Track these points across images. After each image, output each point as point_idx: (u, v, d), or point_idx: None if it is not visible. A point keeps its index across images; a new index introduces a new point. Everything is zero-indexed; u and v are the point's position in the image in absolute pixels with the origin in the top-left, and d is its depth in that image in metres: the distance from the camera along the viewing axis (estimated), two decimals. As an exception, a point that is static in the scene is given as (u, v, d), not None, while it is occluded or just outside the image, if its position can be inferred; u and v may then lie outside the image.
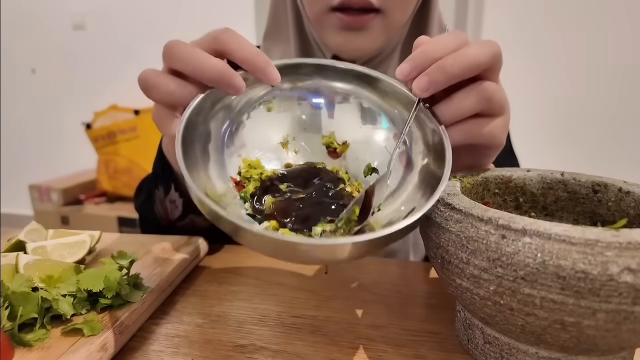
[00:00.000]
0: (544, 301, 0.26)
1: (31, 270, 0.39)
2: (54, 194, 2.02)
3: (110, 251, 0.47)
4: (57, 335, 0.34)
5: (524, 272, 0.26)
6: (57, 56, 2.40)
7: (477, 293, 0.29)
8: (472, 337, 0.34)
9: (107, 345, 0.33)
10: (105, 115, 2.01)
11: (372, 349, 0.36)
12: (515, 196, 0.40)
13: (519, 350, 0.31)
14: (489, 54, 0.34)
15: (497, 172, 0.40)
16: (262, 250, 0.30)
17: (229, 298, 0.44)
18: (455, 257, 0.30)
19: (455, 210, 0.31)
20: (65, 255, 0.45)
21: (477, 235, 0.28)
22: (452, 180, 0.36)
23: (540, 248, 0.26)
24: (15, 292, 0.34)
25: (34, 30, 2.39)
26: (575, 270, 0.25)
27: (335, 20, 0.50)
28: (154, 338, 0.37)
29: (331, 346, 0.36)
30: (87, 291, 0.36)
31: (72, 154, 2.37)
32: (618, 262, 0.24)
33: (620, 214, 0.36)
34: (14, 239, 0.45)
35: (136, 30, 2.24)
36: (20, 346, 0.32)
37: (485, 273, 0.28)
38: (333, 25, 0.50)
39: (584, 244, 0.25)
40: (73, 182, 2.10)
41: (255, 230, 0.26)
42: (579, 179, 0.39)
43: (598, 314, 0.26)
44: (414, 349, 0.36)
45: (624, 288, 0.25)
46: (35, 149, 2.55)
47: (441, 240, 0.31)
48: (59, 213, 2.02)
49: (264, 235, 0.27)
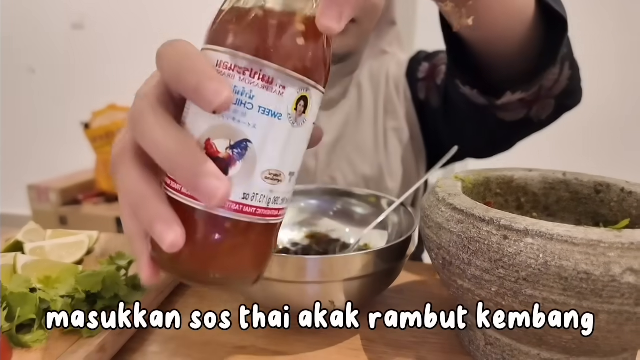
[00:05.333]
0: (546, 302, 0.26)
1: (29, 270, 0.38)
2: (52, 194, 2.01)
3: (109, 252, 0.46)
4: (56, 336, 0.33)
5: (526, 273, 0.26)
6: (56, 55, 2.39)
7: (479, 294, 0.29)
8: (474, 339, 0.34)
9: (105, 346, 0.33)
10: (104, 115, 2.00)
11: (373, 351, 0.36)
12: (517, 196, 0.40)
13: (520, 351, 0.31)
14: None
15: (499, 172, 0.40)
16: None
17: (228, 299, 0.44)
18: (456, 258, 0.30)
19: (456, 210, 0.30)
20: (63, 256, 0.44)
21: (478, 235, 0.28)
22: (454, 181, 0.36)
23: (543, 249, 0.26)
24: (14, 292, 0.34)
25: (33, 29, 2.38)
26: (578, 271, 0.25)
27: None
28: (153, 339, 0.37)
29: (331, 347, 0.36)
30: (85, 292, 0.36)
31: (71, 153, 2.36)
32: (620, 263, 0.24)
33: (622, 215, 0.36)
34: (12, 239, 0.45)
35: (135, 30, 2.24)
36: (19, 347, 0.32)
37: (487, 274, 0.28)
38: None
39: (586, 245, 0.25)
40: (71, 182, 2.09)
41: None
42: (581, 179, 0.38)
43: (600, 315, 0.25)
44: (415, 351, 0.35)
45: (626, 289, 0.24)
46: (34, 149, 2.55)
47: (442, 241, 0.31)
48: (57, 213, 2.01)
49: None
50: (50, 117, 2.48)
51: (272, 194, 0.23)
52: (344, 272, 0.34)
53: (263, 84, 0.21)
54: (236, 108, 0.21)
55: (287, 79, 0.21)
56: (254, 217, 0.23)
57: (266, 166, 0.22)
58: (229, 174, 0.22)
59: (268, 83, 0.21)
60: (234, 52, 0.21)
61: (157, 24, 2.19)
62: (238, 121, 0.21)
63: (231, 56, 0.21)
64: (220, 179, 0.21)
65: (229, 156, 0.22)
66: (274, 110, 0.22)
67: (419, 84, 0.63)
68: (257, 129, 0.21)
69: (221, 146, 0.22)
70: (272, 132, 0.22)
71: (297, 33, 0.22)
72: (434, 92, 0.61)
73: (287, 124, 0.22)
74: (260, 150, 0.22)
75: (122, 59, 2.29)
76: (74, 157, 2.31)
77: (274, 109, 0.22)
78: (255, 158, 0.22)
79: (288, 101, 0.22)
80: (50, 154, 2.49)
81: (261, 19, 0.22)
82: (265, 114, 0.21)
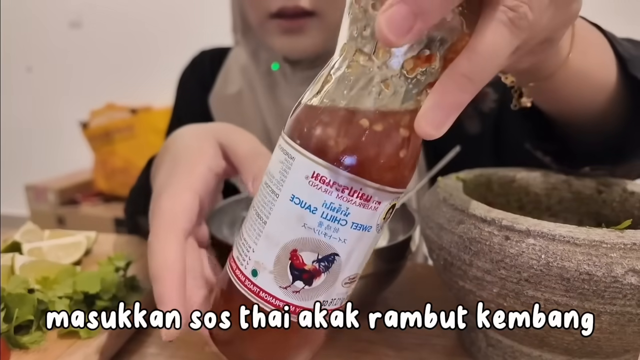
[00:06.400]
0: (548, 303, 0.26)
1: (27, 271, 0.38)
2: (50, 194, 2.01)
3: (107, 252, 0.46)
4: (54, 337, 0.33)
5: (528, 273, 0.26)
6: (54, 54, 2.39)
7: (480, 295, 0.29)
8: (475, 340, 0.34)
9: (103, 347, 0.33)
10: (102, 114, 2.00)
11: (374, 352, 0.35)
12: (518, 196, 0.40)
13: (522, 353, 0.31)
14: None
15: (500, 172, 0.40)
16: None
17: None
18: (457, 259, 0.29)
19: (457, 211, 0.30)
20: (61, 257, 0.44)
21: (480, 236, 0.28)
22: (455, 181, 0.36)
23: (544, 249, 0.26)
24: (11, 293, 0.33)
25: (30, 27, 2.37)
26: (580, 272, 0.25)
27: (275, 26, 0.53)
28: (151, 341, 0.37)
29: (331, 349, 0.36)
30: (83, 293, 0.36)
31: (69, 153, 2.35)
32: (623, 264, 0.24)
33: (625, 215, 0.36)
34: (10, 240, 0.45)
35: (133, 28, 2.23)
36: (17, 348, 0.32)
37: (488, 275, 0.28)
38: (274, 30, 0.54)
39: (588, 245, 0.25)
40: (69, 183, 2.09)
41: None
42: (583, 179, 0.38)
43: (602, 316, 0.25)
44: (416, 352, 0.35)
45: (628, 290, 0.24)
46: (31, 149, 2.54)
47: (443, 241, 0.31)
48: (55, 213, 2.00)
49: None
50: (48, 117, 2.47)
51: (346, 295, 0.23)
52: None
53: (361, 202, 0.20)
54: (329, 224, 0.20)
55: (384, 195, 0.21)
56: (325, 319, 0.23)
57: (348, 274, 0.22)
58: (313, 285, 0.22)
59: (366, 201, 0.20)
60: (335, 168, 0.20)
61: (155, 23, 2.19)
62: (329, 237, 0.21)
63: (331, 172, 0.20)
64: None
65: (315, 269, 0.21)
66: (366, 225, 0.21)
67: None
68: (346, 244, 0.21)
69: (308, 259, 0.21)
70: (361, 244, 0.22)
71: (400, 144, 0.20)
72: (475, 119, 0.55)
73: (374, 233, 0.22)
74: (346, 262, 0.22)
75: (120, 58, 2.28)
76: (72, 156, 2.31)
77: (366, 224, 0.21)
78: (339, 270, 0.22)
79: (380, 213, 0.21)
80: (48, 154, 2.48)
81: (366, 131, 0.20)
82: (357, 229, 0.21)
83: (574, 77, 0.31)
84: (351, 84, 0.20)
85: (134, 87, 2.17)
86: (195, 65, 0.70)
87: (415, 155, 0.21)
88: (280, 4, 0.51)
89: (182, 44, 1.53)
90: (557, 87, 0.32)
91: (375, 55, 0.19)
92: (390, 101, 0.19)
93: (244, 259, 0.23)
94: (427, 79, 0.19)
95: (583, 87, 0.33)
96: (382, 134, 0.20)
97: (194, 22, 2.05)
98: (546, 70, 0.30)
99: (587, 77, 0.32)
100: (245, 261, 0.23)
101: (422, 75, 0.19)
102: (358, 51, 0.20)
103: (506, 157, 0.50)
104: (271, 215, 0.22)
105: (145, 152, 0.58)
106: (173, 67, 0.91)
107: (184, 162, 0.31)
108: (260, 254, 0.22)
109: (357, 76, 0.20)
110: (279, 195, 0.21)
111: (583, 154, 0.38)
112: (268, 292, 0.22)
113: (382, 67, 0.19)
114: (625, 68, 0.33)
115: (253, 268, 0.22)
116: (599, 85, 0.33)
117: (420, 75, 0.19)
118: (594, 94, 0.34)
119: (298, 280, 0.22)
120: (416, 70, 0.19)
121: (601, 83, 0.33)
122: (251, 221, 0.23)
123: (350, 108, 0.20)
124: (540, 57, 0.27)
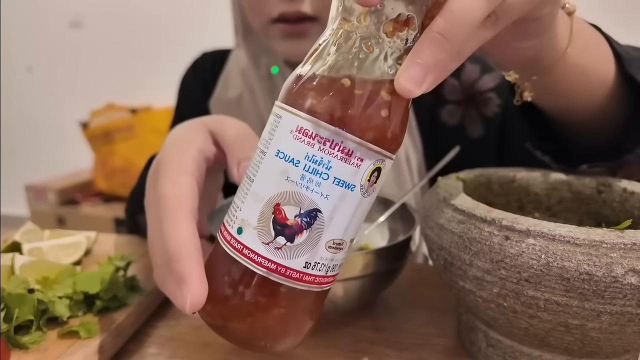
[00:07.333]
0: (548, 303, 0.26)
1: (27, 271, 0.38)
2: (50, 194, 2.01)
3: (107, 252, 0.46)
4: (54, 337, 0.33)
5: (528, 273, 0.26)
6: (54, 54, 2.39)
7: (480, 295, 0.29)
8: (475, 340, 0.34)
9: (103, 347, 0.33)
10: (102, 114, 2.00)
11: (374, 353, 0.35)
12: (518, 196, 0.40)
13: (522, 353, 0.31)
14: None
15: (500, 172, 0.40)
16: None
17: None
18: (457, 259, 0.29)
19: (458, 211, 0.30)
20: (61, 257, 0.44)
21: (480, 236, 0.28)
22: (455, 181, 0.36)
23: (545, 249, 0.26)
24: (11, 293, 0.33)
25: (30, 27, 2.37)
26: (580, 272, 0.25)
27: (277, 30, 0.54)
28: (151, 341, 0.37)
29: (332, 349, 0.36)
30: (83, 293, 0.36)
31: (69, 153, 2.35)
32: (623, 264, 0.24)
33: (625, 215, 0.36)
34: (10, 240, 0.45)
35: (133, 28, 2.23)
36: (17, 348, 0.32)
37: (488, 275, 0.28)
38: (276, 34, 0.54)
39: (588, 245, 0.25)
40: (69, 182, 2.09)
41: None
42: (583, 179, 0.38)
43: (602, 316, 0.25)
44: (416, 352, 0.35)
45: (628, 290, 0.24)
46: (31, 149, 2.54)
47: (443, 241, 0.31)
48: (55, 213, 2.00)
49: None
50: (48, 117, 2.47)
51: (332, 262, 0.23)
52: (344, 272, 0.34)
53: (342, 155, 0.21)
54: (311, 177, 0.21)
55: (366, 152, 0.21)
56: (311, 286, 0.23)
57: (331, 236, 0.22)
58: (295, 241, 0.21)
59: (347, 155, 0.21)
60: (317, 120, 0.21)
61: (155, 23, 2.19)
62: (311, 190, 0.21)
63: (313, 124, 0.21)
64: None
65: (297, 224, 0.21)
66: (349, 182, 0.21)
67: (447, 107, 0.56)
68: (328, 200, 0.21)
69: (290, 213, 0.21)
70: (343, 203, 0.21)
71: (382, 104, 0.21)
72: (478, 123, 0.54)
73: (359, 195, 0.22)
74: (329, 220, 0.22)
75: (120, 58, 2.28)
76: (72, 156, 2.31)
77: (348, 181, 0.21)
78: (322, 228, 0.22)
79: (363, 173, 0.21)
80: (48, 154, 2.48)
81: (348, 89, 0.21)
82: (339, 185, 0.21)
83: (573, 71, 0.32)
84: (335, 48, 0.22)
85: (134, 87, 2.17)
86: (197, 68, 0.70)
87: (399, 117, 0.22)
88: (281, 9, 0.51)
89: (182, 44, 1.54)
90: (557, 80, 0.33)
91: (357, 20, 0.21)
92: (372, 63, 0.21)
93: (232, 219, 0.23)
94: (407, 45, 0.21)
95: (582, 82, 0.34)
96: (364, 92, 0.21)
97: (194, 22, 2.05)
98: (545, 61, 0.31)
99: (586, 72, 0.33)
100: (233, 221, 0.23)
101: (402, 41, 0.21)
102: (342, 19, 0.22)
103: (509, 162, 0.50)
104: (258, 172, 0.22)
105: (145, 152, 0.58)
106: (173, 67, 0.91)
107: (176, 149, 0.31)
108: (246, 211, 0.22)
109: (341, 41, 0.21)
110: (266, 153, 0.22)
111: (581, 154, 0.38)
112: (251, 249, 0.22)
113: (364, 30, 0.21)
114: (622, 67, 0.34)
115: (239, 226, 0.22)
116: (597, 81, 0.34)
117: (399, 40, 0.21)
118: (592, 89, 0.35)
119: (280, 236, 0.21)
120: (395, 33, 0.21)
121: (600, 79, 0.34)
122: (242, 185, 0.23)
123: (334, 68, 0.21)
124: (534, 41, 0.28)
